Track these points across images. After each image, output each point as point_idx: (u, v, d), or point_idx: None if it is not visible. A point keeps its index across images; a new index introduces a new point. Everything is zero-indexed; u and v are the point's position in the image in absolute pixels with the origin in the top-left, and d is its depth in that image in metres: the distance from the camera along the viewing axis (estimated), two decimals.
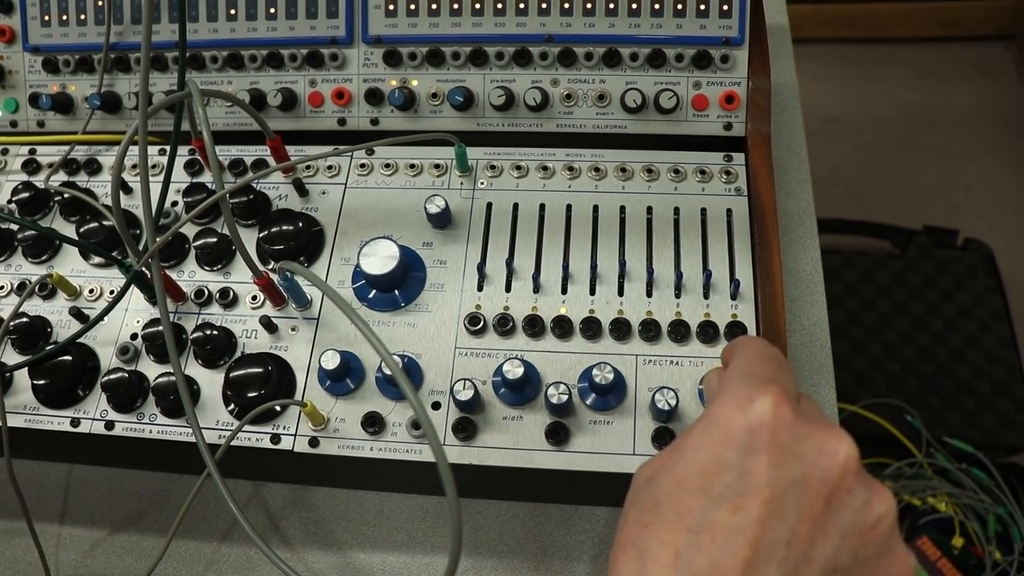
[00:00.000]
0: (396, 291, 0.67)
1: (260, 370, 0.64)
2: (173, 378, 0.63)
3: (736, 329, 0.63)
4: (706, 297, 0.65)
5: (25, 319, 0.68)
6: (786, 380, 0.45)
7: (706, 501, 0.39)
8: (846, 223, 1.85)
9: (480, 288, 0.67)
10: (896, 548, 0.40)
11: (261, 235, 0.69)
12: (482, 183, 0.72)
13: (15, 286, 0.72)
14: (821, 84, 2.31)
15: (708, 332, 0.63)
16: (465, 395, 0.60)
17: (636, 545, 0.41)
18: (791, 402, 0.41)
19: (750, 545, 0.37)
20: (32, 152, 0.80)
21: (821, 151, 2.15)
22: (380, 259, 0.64)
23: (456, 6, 0.73)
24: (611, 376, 0.59)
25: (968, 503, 1.38)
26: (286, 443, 0.63)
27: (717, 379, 0.48)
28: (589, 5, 0.72)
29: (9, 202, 0.76)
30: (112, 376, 0.65)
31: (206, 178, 0.76)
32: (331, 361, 0.62)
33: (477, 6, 0.73)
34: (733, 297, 0.64)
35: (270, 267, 0.69)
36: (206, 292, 0.69)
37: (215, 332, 0.66)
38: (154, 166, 0.76)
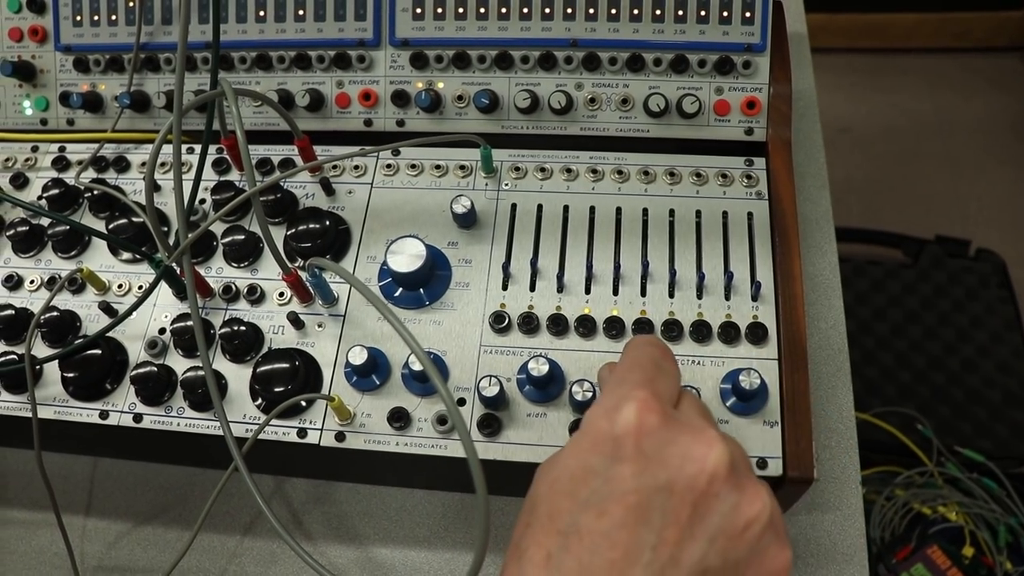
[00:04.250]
0: (422, 289, 0.68)
1: (287, 365, 0.64)
2: (201, 372, 0.64)
3: (757, 330, 0.64)
4: (727, 298, 0.66)
5: (55, 313, 0.70)
6: (661, 384, 0.45)
7: (574, 505, 0.40)
8: (858, 232, 1.85)
9: (505, 287, 0.68)
10: (769, 547, 0.41)
11: (288, 233, 0.70)
12: (507, 184, 0.73)
13: (45, 281, 0.74)
14: (834, 94, 2.32)
15: (729, 333, 0.64)
16: (491, 391, 0.61)
17: (518, 545, 0.42)
18: (660, 408, 0.42)
19: (616, 548, 0.38)
20: (62, 149, 0.81)
21: (833, 161, 2.14)
22: (407, 257, 0.65)
23: (482, 10, 0.74)
24: None
25: (979, 513, 1.39)
26: (312, 437, 0.64)
27: (605, 377, 0.49)
28: (614, 11, 0.73)
29: (39, 198, 0.77)
30: (141, 370, 0.66)
31: (233, 176, 0.77)
32: (358, 357, 0.63)
33: (503, 10, 0.74)
34: (754, 299, 0.65)
35: (297, 264, 0.70)
36: (234, 288, 0.70)
37: (243, 327, 0.67)
38: (183, 164, 0.77)
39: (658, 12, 0.72)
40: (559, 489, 0.42)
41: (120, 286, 0.73)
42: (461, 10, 0.75)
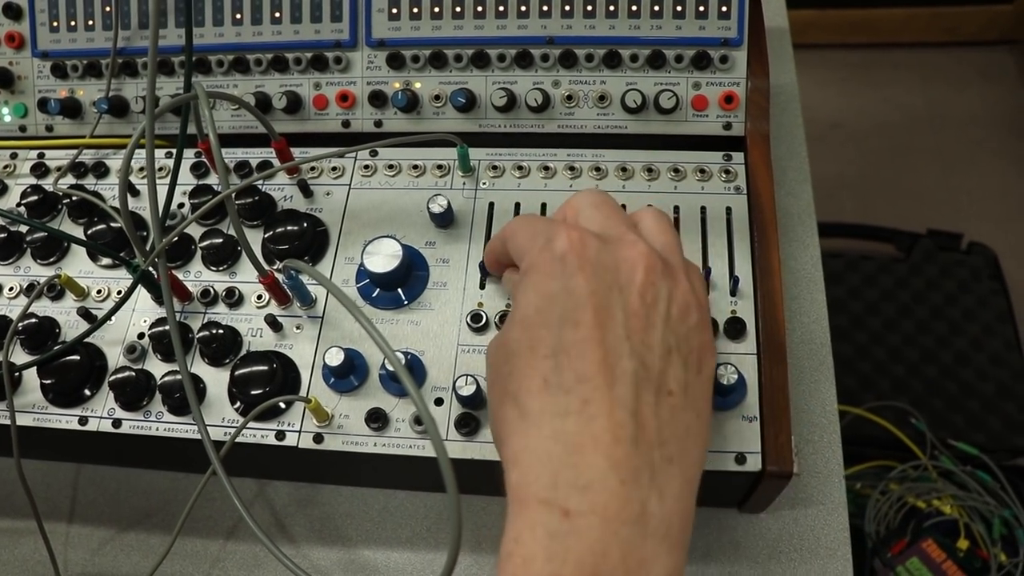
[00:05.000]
0: (399, 289, 0.68)
1: (265, 368, 0.64)
2: (179, 376, 0.64)
3: (736, 325, 0.63)
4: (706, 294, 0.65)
5: (34, 319, 0.69)
6: (556, 219, 0.51)
7: (550, 330, 0.44)
8: (850, 227, 1.85)
9: (483, 286, 0.68)
10: (702, 320, 0.47)
11: (266, 235, 0.70)
12: (484, 183, 0.72)
13: (24, 287, 0.73)
14: (825, 89, 2.32)
15: None
16: (467, 390, 0.61)
17: (507, 393, 0.45)
18: (584, 228, 0.47)
19: (600, 347, 0.42)
20: (41, 156, 0.81)
21: (825, 156, 2.15)
22: (383, 257, 0.65)
23: (458, 9, 0.74)
24: None
25: (973, 505, 1.39)
26: (291, 439, 0.64)
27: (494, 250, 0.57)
28: (590, 7, 0.73)
29: (18, 205, 0.77)
30: (119, 375, 0.66)
31: (212, 180, 0.77)
32: (335, 358, 0.63)
33: (479, 9, 0.74)
34: (732, 293, 0.65)
35: (275, 267, 0.69)
36: (212, 292, 0.70)
37: (221, 331, 0.67)
38: (160, 168, 0.77)
39: (634, 8, 0.72)
40: (530, 323, 0.45)
41: (99, 292, 0.72)
42: (437, 9, 0.74)
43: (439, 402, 0.64)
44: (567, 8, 0.73)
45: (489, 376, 0.49)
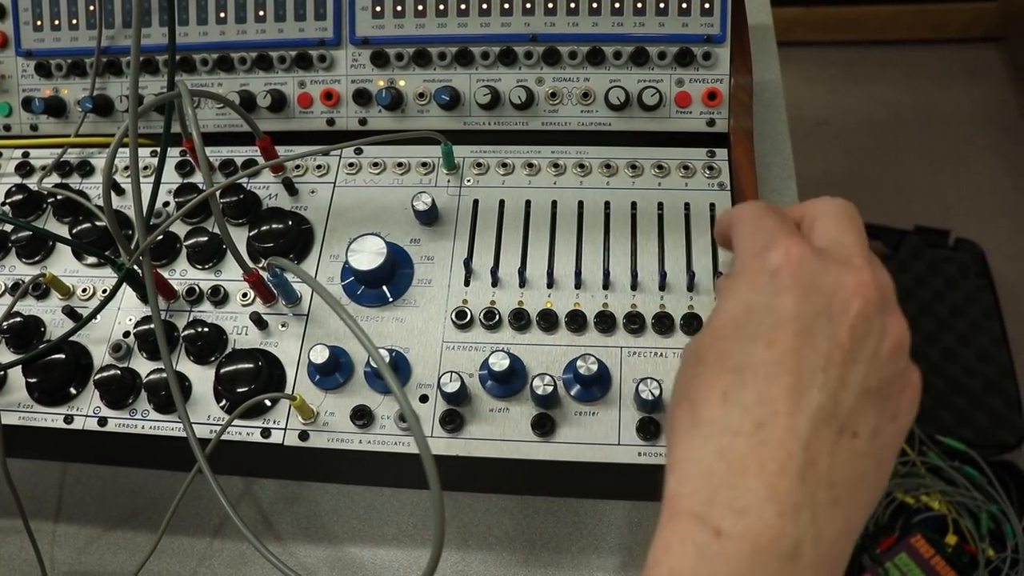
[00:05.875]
0: (384, 287, 0.68)
1: (250, 366, 0.64)
2: (164, 374, 0.64)
3: None
4: (690, 290, 0.66)
5: (19, 318, 0.69)
6: (788, 225, 0.47)
7: (743, 343, 0.42)
8: None
9: (467, 283, 0.68)
10: (908, 368, 0.44)
11: (251, 233, 0.70)
12: (469, 180, 0.73)
13: (9, 286, 0.73)
14: (811, 87, 2.33)
15: (692, 324, 0.64)
16: (452, 387, 0.61)
17: (687, 396, 0.43)
18: (804, 242, 0.44)
19: (790, 374, 0.40)
20: (25, 155, 0.81)
21: (812, 153, 2.16)
22: (368, 255, 0.65)
23: (442, 7, 0.74)
24: (595, 367, 0.60)
25: (961, 501, 1.39)
26: (276, 437, 0.64)
27: (723, 227, 0.51)
28: (573, 5, 0.73)
29: (3, 204, 0.77)
30: (105, 373, 0.66)
31: (197, 179, 0.77)
32: (320, 355, 0.63)
33: (463, 7, 0.74)
34: (716, 289, 0.65)
35: (260, 265, 0.69)
36: (197, 290, 0.70)
37: (206, 329, 0.67)
38: (145, 167, 0.77)
39: (617, 5, 0.73)
40: (724, 334, 0.43)
41: (84, 290, 0.72)
42: (420, 7, 0.75)
43: (424, 399, 0.64)
44: (550, 5, 0.73)
45: (678, 374, 0.47)
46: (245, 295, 0.70)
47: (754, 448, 0.39)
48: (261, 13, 0.77)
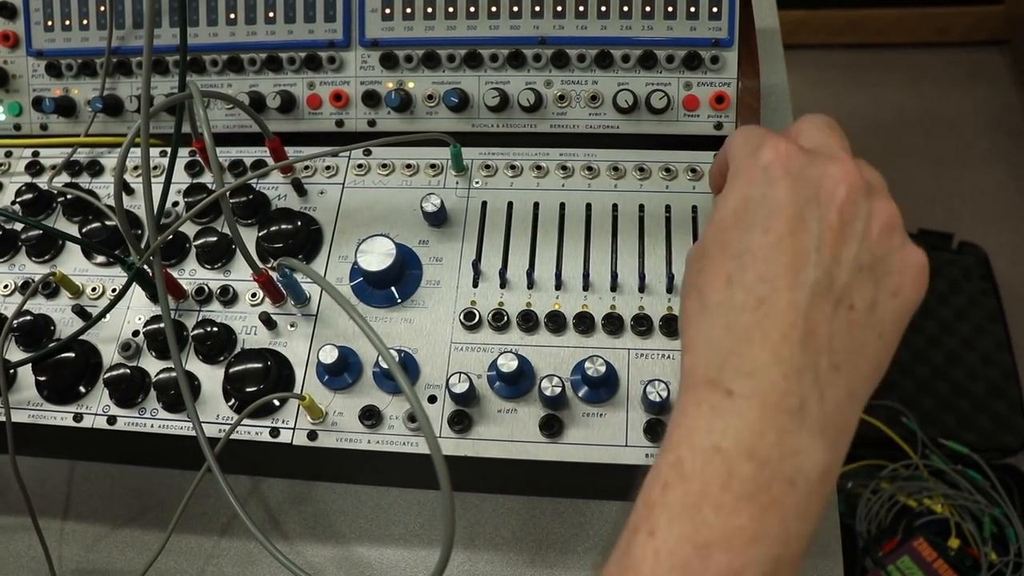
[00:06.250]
0: (393, 288, 0.68)
1: (259, 365, 0.65)
2: (174, 374, 0.65)
3: None
4: None
5: (29, 317, 0.70)
6: (776, 131, 0.50)
7: (742, 232, 0.45)
8: None
9: (475, 284, 0.68)
10: (906, 246, 0.46)
11: (261, 234, 0.70)
12: (477, 182, 0.73)
13: (19, 285, 0.74)
14: (816, 90, 2.33)
15: None
16: (460, 388, 0.61)
17: (694, 286, 0.47)
18: (792, 140, 0.47)
19: (787, 254, 0.43)
20: (35, 154, 0.82)
21: None
22: (377, 256, 0.66)
23: (451, 9, 0.75)
24: (603, 369, 0.60)
25: (964, 504, 1.39)
26: (285, 436, 0.64)
27: (720, 164, 0.54)
28: (581, 8, 0.73)
29: (13, 203, 0.77)
30: (114, 372, 0.66)
31: (206, 179, 0.77)
32: (329, 355, 0.63)
33: (472, 9, 0.74)
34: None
35: (269, 265, 0.70)
36: (206, 289, 0.70)
37: (215, 328, 0.67)
38: (155, 167, 0.78)
39: (625, 8, 0.73)
40: (725, 226, 0.46)
41: (94, 289, 0.73)
42: (430, 10, 0.75)
43: (432, 399, 0.64)
44: (559, 9, 0.73)
45: (685, 274, 0.50)
46: (254, 295, 0.70)
47: (758, 320, 0.43)
48: (271, 14, 0.77)
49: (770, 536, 0.40)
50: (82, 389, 0.68)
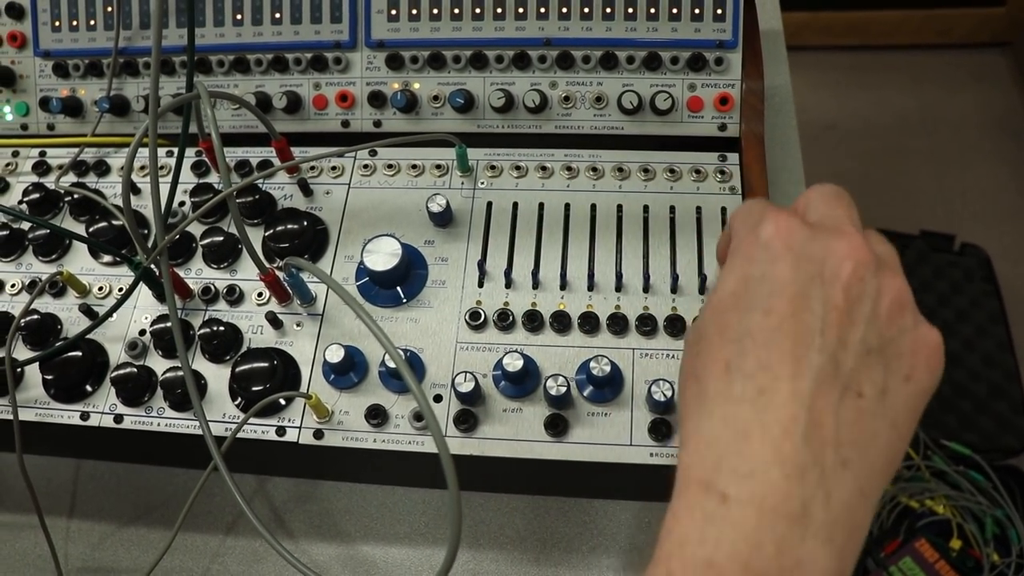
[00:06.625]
0: (399, 287, 0.68)
1: (266, 364, 0.65)
2: (181, 373, 0.65)
3: None
4: (701, 292, 0.66)
5: (36, 316, 0.70)
6: (778, 206, 0.48)
7: (742, 314, 0.43)
8: None
9: (481, 284, 0.68)
10: (919, 325, 0.43)
11: (267, 233, 0.71)
12: (482, 183, 0.73)
13: (26, 284, 0.74)
14: (818, 92, 2.33)
15: None
16: (466, 387, 0.61)
17: (693, 373, 0.44)
18: (794, 215, 0.45)
19: (789, 338, 0.41)
20: (42, 154, 0.82)
21: (819, 158, 2.16)
22: (383, 256, 0.66)
23: (456, 11, 0.75)
24: (608, 368, 0.61)
25: (966, 505, 1.39)
26: (291, 435, 0.65)
27: (726, 238, 0.51)
28: (586, 9, 0.74)
29: (20, 203, 0.78)
30: (121, 371, 0.67)
31: (212, 179, 0.77)
32: (335, 355, 0.64)
33: (477, 11, 0.75)
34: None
35: (275, 265, 0.70)
36: (213, 289, 0.71)
37: (222, 328, 0.68)
38: (162, 167, 0.78)
39: (630, 10, 0.73)
40: (724, 308, 0.44)
41: (100, 288, 0.73)
42: (436, 11, 0.75)
43: (438, 399, 0.64)
44: (564, 10, 0.74)
45: (683, 357, 0.48)
46: (260, 294, 0.70)
47: (758, 413, 0.40)
48: (277, 15, 0.77)
49: None
50: (89, 388, 0.69)
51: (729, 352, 0.42)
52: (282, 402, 0.66)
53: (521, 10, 0.74)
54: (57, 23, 0.82)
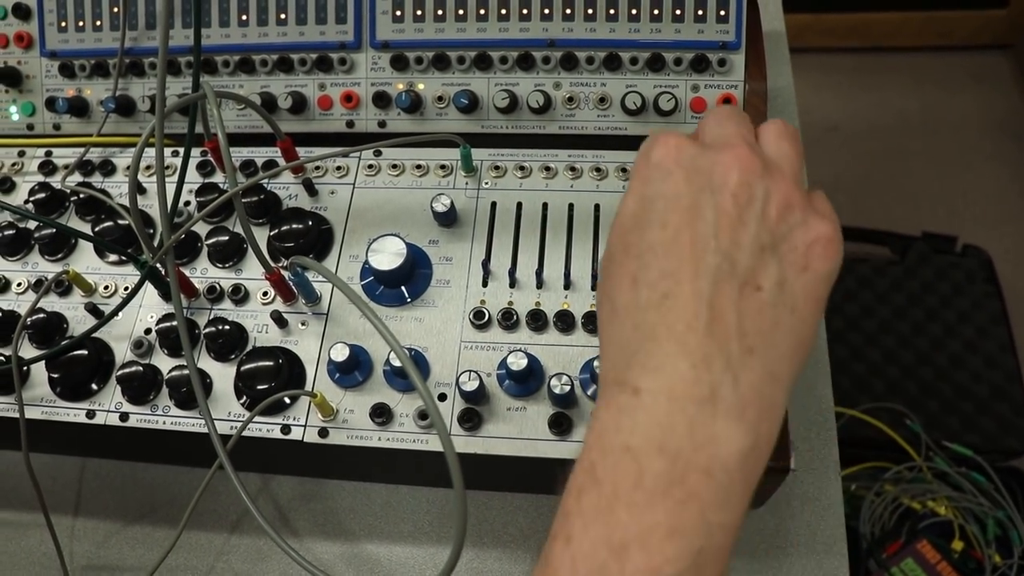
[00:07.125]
0: (403, 287, 0.69)
1: (271, 363, 0.65)
2: (186, 371, 0.65)
3: None
4: None
5: (42, 315, 0.70)
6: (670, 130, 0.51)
7: (642, 232, 0.45)
8: (846, 230, 1.83)
9: (485, 284, 0.69)
10: (809, 219, 0.46)
11: (272, 233, 0.71)
12: (486, 183, 0.74)
13: (32, 283, 0.74)
14: (820, 93, 2.34)
15: None
16: (470, 386, 0.62)
17: (606, 294, 0.47)
18: (683, 135, 0.48)
19: (686, 246, 0.43)
20: (48, 154, 0.82)
21: (822, 159, 2.17)
22: (388, 255, 0.67)
23: (461, 12, 0.75)
24: None
25: (967, 507, 1.40)
26: (296, 434, 0.65)
27: None
28: (590, 11, 0.74)
29: (26, 202, 0.78)
30: (127, 369, 0.67)
31: (218, 179, 0.78)
32: (340, 353, 0.64)
33: (481, 12, 0.75)
34: None
35: (281, 264, 0.70)
36: (218, 288, 0.71)
37: (227, 327, 0.68)
38: (167, 167, 0.78)
39: (634, 12, 0.74)
40: (625, 228, 0.47)
41: (106, 287, 0.73)
42: (440, 12, 0.76)
43: (442, 397, 0.65)
44: (568, 11, 0.74)
45: (598, 284, 0.51)
46: (265, 294, 0.71)
47: (663, 315, 0.43)
48: (282, 16, 0.78)
49: (689, 530, 0.39)
50: (95, 386, 0.69)
51: (634, 267, 0.45)
52: (287, 401, 0.66)
53: (525, 11, 0.75)
54: (63, 24, 0.82)
